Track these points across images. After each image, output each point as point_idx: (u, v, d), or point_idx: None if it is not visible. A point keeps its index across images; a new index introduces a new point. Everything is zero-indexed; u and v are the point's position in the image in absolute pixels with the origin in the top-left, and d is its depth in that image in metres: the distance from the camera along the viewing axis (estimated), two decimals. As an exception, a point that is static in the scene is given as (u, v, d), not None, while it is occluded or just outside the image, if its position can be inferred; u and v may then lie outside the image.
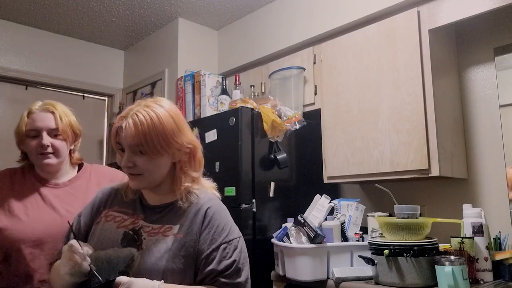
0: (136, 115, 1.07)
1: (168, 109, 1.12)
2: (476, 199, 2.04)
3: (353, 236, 1.94)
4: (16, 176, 1.49)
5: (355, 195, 2.46)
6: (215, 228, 1.11)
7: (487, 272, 1.61)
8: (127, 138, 1.06)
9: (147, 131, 1.06)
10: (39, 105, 1.49)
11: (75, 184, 1.52)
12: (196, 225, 1.11)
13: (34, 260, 1.35)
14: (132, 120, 1.06)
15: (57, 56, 3.35)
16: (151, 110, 1.08)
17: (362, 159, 2.08)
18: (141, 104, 1.11)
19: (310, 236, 1.77)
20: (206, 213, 1.13)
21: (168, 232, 1.10)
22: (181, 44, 3.10)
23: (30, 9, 2.96)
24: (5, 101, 3.14)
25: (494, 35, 2.05)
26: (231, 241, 1.11)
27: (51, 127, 1.45)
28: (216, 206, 1.16)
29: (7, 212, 1.38)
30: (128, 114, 1.08)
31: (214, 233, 1.10)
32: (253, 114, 2.21)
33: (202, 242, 1.09)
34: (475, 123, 2.09)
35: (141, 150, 1.07)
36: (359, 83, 2.14)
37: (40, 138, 1.44)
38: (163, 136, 1.08)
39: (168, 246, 1.07)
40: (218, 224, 1.12)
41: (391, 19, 2.06)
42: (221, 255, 1.08)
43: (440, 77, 1.97)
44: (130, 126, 1.06)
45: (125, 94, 3.63)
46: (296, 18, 2.66)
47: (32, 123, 1.45)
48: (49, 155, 1.44)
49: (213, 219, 1.12)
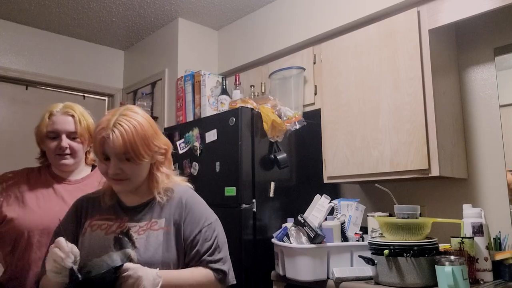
0: (120, 125, 1.14)
1: (144, 116, 1.21)
2: (476, 199, 2.04)
3: (353, 236, 1.94)
4: (33, 174, 1.58)
5: (355, 195, 2.46)
6: (195, 216, 1.24)
7: (487, 272, 1.61)
8: (115, 147, 1.13)
9: (132, 140, 1.14)
10: (60, 108, 1.56)
11: (86, 181, 1.60)
12: (178, 215, 1.22)
13: (41, 248, 1.41)
14: (118, 130, 1.13)
15: (57, 56, 3.35)
16: (132, 119, 1.16)
17: (362, 159, 2.08)
18: (116, 114, 1.17)
19: (310, 236, 1.77)
20: (184, 204, 1.25)
21: (155, 226, 1.20)
22: (181, 44, 3.10)
23: (30, 9, 2.96)
24: (5, 101, 3.14)
25: (494, 35, 2.05)
26: (209, 224, 1.24)
27: (70, 130, 1.53)
28: (192, 196, 1.29)
29: (21, 203, 1.47)
30: (109, 125, 1.14)
31: (195, 220, 1.23)
32: (253, 114, 2.21)
33: (186, 230, 1.21)
34: (475, 123, 2.09)
35: (127, 157, 1.15)
36: (359, 83, 2.14)
37: (59, 140, 1.51)
38: (145, 142, 1.17)
39: (160, 240, 1.17)
40: (196, 212, 1.25)
41: (391, 19, 2.06)
42: (203, 237, 1.21)
43: (440, 77, 1.97)
44: (117, 136, 1.12)
45: (125, 94, 3.64)
46: (296, 18, 2.66)
47: (52, 125, 1.52)
48: (66, 156, 1.53)
49: (192, 208, 1.25)
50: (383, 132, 2.01)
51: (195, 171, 2.37)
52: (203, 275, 1.19)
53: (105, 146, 1.14)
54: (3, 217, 1.45)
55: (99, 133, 1.15)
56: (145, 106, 3.30)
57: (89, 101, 3.52)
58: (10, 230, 1.44)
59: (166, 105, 3.13)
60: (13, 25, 3.14)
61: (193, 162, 2.39)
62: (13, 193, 1.49)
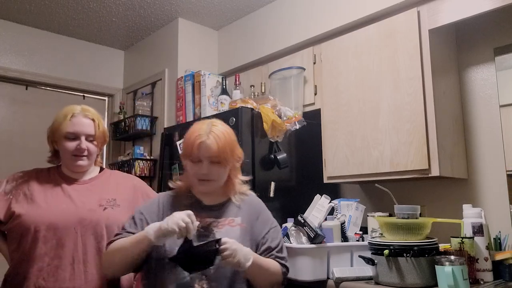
0: (214, 133, 1.36)
1: (228, 128, 1.44)
2: (476, 199, 2.04)
3: (353, 236, 1.94)
4: (42, 173, 1.63)
5: (355, 195, 2.46)
6: (265, 218, 1.49)
7: (487, 272, 1.61)
8: (209, 151, 1.35)
9: (223, 145, 1.36)
10: (79, 110, 1.61)
11: (94, 182, 1.65)
12: (251, 216, 1.45)
13: (46, 243, 1.46)
14: (213, 137, 1.35)
15: (57, 56, 3.35)
16: (222, 129, 1.40)
17: (362, 159, 2.08)
18: (206, 124, 1.41)
19: (310, 236, 1.77)
20: (256, 207, 1.50)
21: (232, 223, 1.40)
22: (181, 44, 3.10)
23: (30, 9, 2.96)
24: (5, 101, 3.14)
25: (494, 35, 2.05)
26: (275, 227, 1.49)
27: (90, 133, 1.59)
28: (261, 202, 1.55)
29: (29, 200, 1.52)
30: (204, 133, 1.36)
31: (264, 221, 1.47)
32: (253, 114, 2.21)
33: (258, 227, 1.44)
34: (475, 123, 2.09)
35: (217, 160, 1.36)
36: (359, 83, 2.14)
37: (79, 142, 1.57)
38: (231, 149, 1.40)
39: (237, 234, 1.36)
40: (265, 215, 1.50)
41: (391, 19, 2.06)
42: (272, 236, 1.44)
43: (440, 77, 1.97)
44: (211, 142, 1.35)
45: (125, 94, 3.64)
46: (296, 18, 2.66)
47: (73, 126, 1.57)
48: (83, 158, 1.59)
49: (262, 212, 1.50)
50: (383, 132, 2.01)
51: (195, 171, 2.37)
52: (276, 266, 1.40)
53: (201, 150, 1.35)
54: (12, 213, 1.49)
55: (196, 138, 1.36)
56: (145, 106, 3.30)
57: (89, 101, 3.52)
58: (18, 226, 1.48)
59: (166, 105, 3.13)
60: (13, 25, 3.14)
61: (193, 162, 2.39)
62: (22, 191, 1.54)
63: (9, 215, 1.50)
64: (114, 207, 1.58)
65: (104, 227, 1.53)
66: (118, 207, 1.59)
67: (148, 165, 3.12)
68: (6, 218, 1.51)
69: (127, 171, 3.04)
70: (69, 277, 1.45)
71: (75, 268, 1.46)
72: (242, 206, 1.47)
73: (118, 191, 1.65)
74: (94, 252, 1.50)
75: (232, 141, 1.42)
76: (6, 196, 1.53)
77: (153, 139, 3.23)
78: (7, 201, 1.52)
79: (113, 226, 1.55)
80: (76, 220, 1.49)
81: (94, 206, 1.55)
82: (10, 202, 1.52)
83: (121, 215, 1.58)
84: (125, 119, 3.30)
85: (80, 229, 1.49)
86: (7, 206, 1.51)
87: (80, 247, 1.48)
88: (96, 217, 1.53)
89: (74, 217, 1.50)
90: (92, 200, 1.56)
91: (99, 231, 1.52)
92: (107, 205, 1.57)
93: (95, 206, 1.56)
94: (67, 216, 1.50)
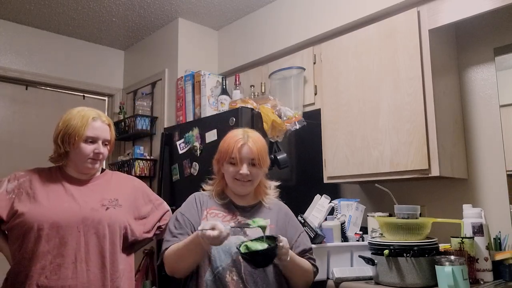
0: (252, 137, 1.51)
1: (261, 135, 1.58)
2: (476, 199, 2.04)
3: (353, 236, 1.94)
4: (44, 173, 1.65)
5: (355, 195, 2.46)
6: (295, 223, 1.62)
7: (487, 272, 1.61)
8: (250, 153, 1.49)
9: (259, 149, 1.50)
10: (96, 115, 1.64)
11: (95, 182, 1.67)
12: (281, 220, 1.56)
13: (49, 242, 1.47)
14: (252, 140, 1.50)
15: (57, 56, 3.35)
16: (257, 135, 1.55)
17: (362, 159, 2.08)
18: (242, 130, 1.56)
19: (310, 236, 1.77)
20: (285, 213, 1.62)
21: None
22: (181, 44, 3.10)
23: (30, 9, 2.96)
24: (5, 101, 3.14)
25: (494, 35, 2.05)
26: (304, 231, 1.63)
27: (107, 138, 1.65)
28: (288, 208, 1.66)
29: (31, 199, 1.53)
30: (242, 137, 1.51)
31: (295, 226, 1.60)
32: (253, 114, 2.21)
33: (290, 231, 1.55)
34: (475, 123, 2.09)
35: (254, 162, 1.50)
36: (359, 83, 2.14)
37: (96, 146, 1.60)
38: (266, 152, 1.55)
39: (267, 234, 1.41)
40: (295, 220, 1.64)
41: (391, 19, 2.06)
42: (303, 239, 1.57)
43: (440, 77, 1.97)
44: (251, 144, 1.49)
45: (125, 94, 3.64)
46: (296, 18, 2.66)
47: (94, 131, 1.60)
48: (98, 161, 1.63)
49: (291, 217, 1.63)
50: (383, 132, 2.01)
51: (195, 171, 2.37)
52: (309, 265, 1.53)
53: (242, 152, 1.48)
54: (14, 211, 1.50)
55: (237, 142, 1.49)
56: (145, 106, 3.30)
57: (89, 101, 3.52)
58: (20, 224, 1.48)
59: (166, 105, 3.13)
60: (13, 25, 3.14)
61: (193, 162, 2.39)
62: (24, 190, 1.55)
63: (11, 214, 1.51)
64: (116, 207, 1.60)
65: (106, 227, 1.54)
66: (120, 207, 1.60)
67: (148, 165, 3.12)
68: (8, 217, 1.51)
69: (127, 171, 3.04)
70: (71, 276, 1.46)
71: (78, 267, 1.47)
72: (272, 208, 1.59)
73: (120, 192, 1.66)
74: (96, 251, 1.51)
75: (266, 147, 1.56)
76: (9, 195, 1.54)
77: (153, 139, 3.23)
78: (9, 200, 1.53)
79: (115, 225, 1.56)
80: (79, 219, 1.50)
81: (96, 206, 1.56)
82: (13, 201, 1.52)
83: (123, 215, 1.59)
84: (125, 119, 3.30)
85: (83, 228, 1.50)
86: (10, 205, 1.52)
87: (83, 246, 1.49)
88: (98, 217, 1.53)
89: (77, 216, 1.51)
90: (95, 200, 1.58)
91: (101, 230, 1.53)
92: (110, 205, 1.59)
93: (97, 205, 1.57)
94: (70, 215, 1.51)
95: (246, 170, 1.48)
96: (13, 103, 3.16)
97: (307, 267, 1.52)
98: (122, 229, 1.58)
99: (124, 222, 1.59)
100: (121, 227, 1.58)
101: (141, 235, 1.66)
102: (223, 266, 1.42)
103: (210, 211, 1.54)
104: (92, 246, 1.51)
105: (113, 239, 1.55)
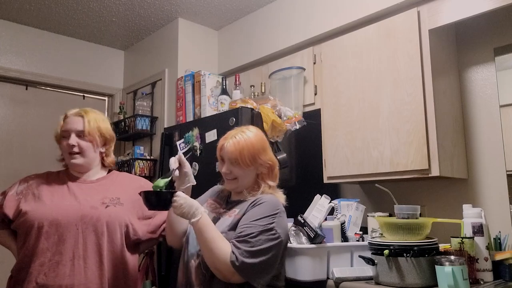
0: (235, 137, 1.50)
1: (256, 134, 1.55)
2: (476, 199, 2.04)
3: (353, 236, 1.94)
4: (52, 175, 1.70)
5: (355, 195, 2.46)
6: (255, 213, 1.43)
7: (487, 272, 1.61)
8: (228, 153, 1.49)
9: (241, 149, 1.48)
10: (74, 111, 1.68)
11: (101, 182, 1.70)
12: (249, 208, 1.46)
13: (48, 239, 1.50)
14: (232, 141, 1.50)
15: (57, 56, 3.35)
16: (245, 135, 1.52)
17: (362, 159, 2.08)
18: (237, 130, 1.55)
19: (310, 236, 1.77)
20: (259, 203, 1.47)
21: (232, 214, 1.50)
22: (181, 44, 3.10)
23: (30, 9, 2.96)
24: (5, 101, 3.14)
25: (494, 35, 2.05)
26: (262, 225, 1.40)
27: (78, 129, 1.63)
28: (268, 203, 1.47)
29: (36, 199, 1.58)
30: (228, 136, 1.53)
31: (254, 215, 1.42)
32: (253, 114, 2.21)
33: (246, 216, 1.43)
34: (475, 123, 2.09)
35: (236, 162, 1.49)
36: (359, 83, 2.14)
37: (69, 139, 1.62)
38: (252, 153, 1.50)
39: (228, 222, 1.46)
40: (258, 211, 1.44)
41: (391, 19, 2.06)
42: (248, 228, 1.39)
43: (440, 77, 1.97)
44: (230, 145, 1.49)
45: (125, 94, 3.64)
46: (296, 18, 2.66)
47: (65, 125, 1.65)
48: (75, 155, 1.63)
49: (258, 208, 1.45)
50: (383, 132, 2.01)
51: (195, 171, 2.37)
52: (225, 248, 1.36)
53: (222, 151, 1.52)
54: (19, 211, 1.55)
55: (221, 141, 1.54)
56: (145, 106, 3.30)
57: (89, 101, 3.52)
58: (24, 222, 1.53)
59: (166, 105, 3.13)
60: (13, 25, 3.14)
61: (193, 162, 2.39)
62: (31, 191, 1.60)
63: (17, 213, 1.55)
64: (116, 205, 1.60)
65: (104, 224, 1.55)
66: (121, 206, 1.61)
67: (148, 165, 3.12)
68: (15, 216, 1.56)
69: (127, 171, 3.04)
70: (69, 273, 1.47)
71: (75, 264, 1.48)
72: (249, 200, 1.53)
73: (123, 191, 1.67)
74: (94, 249, 1.52)
75: (254, 146, 1.51)
76: (17, 197, 1.59)
77: (153, 139, 3.24)
78: (17, 201, 1.58)
79: (114, 223, 1.56)
80: (77, 217, 1.53)
81: (96, 204, 1.58)
82: (19, 201, 1.57)
83: (124, 214, 1.59)
84: (125, 119, 3.30)
85: (81, 225, 1.52)
86: (17, 205, 1.57)
87: (81, 243, 1.50)
88: (97, 214, 1.55)
89: (76, 213, 1.53)
90: (96, 198, 1.60)
91: (99, 228, 1.54)
92: (110, 203, 1.60)
93: (97, 203, 1.58)
94: (69, 212, 1.53)
95: (225, 169, 1.52)
96: (13, 103, 3.16)
97: (220, 248, 1.35)
98: (122, 227, 1.58)
99: (124, 220, 1.59)
100: (121, 225, 1.58)
101: (144, 235, 1.66)
102: (192, 252, 1.48)
103: (209, 201, 1.63)
104: (90, 243, 1.52)
105: (112, 237, 1.56)
